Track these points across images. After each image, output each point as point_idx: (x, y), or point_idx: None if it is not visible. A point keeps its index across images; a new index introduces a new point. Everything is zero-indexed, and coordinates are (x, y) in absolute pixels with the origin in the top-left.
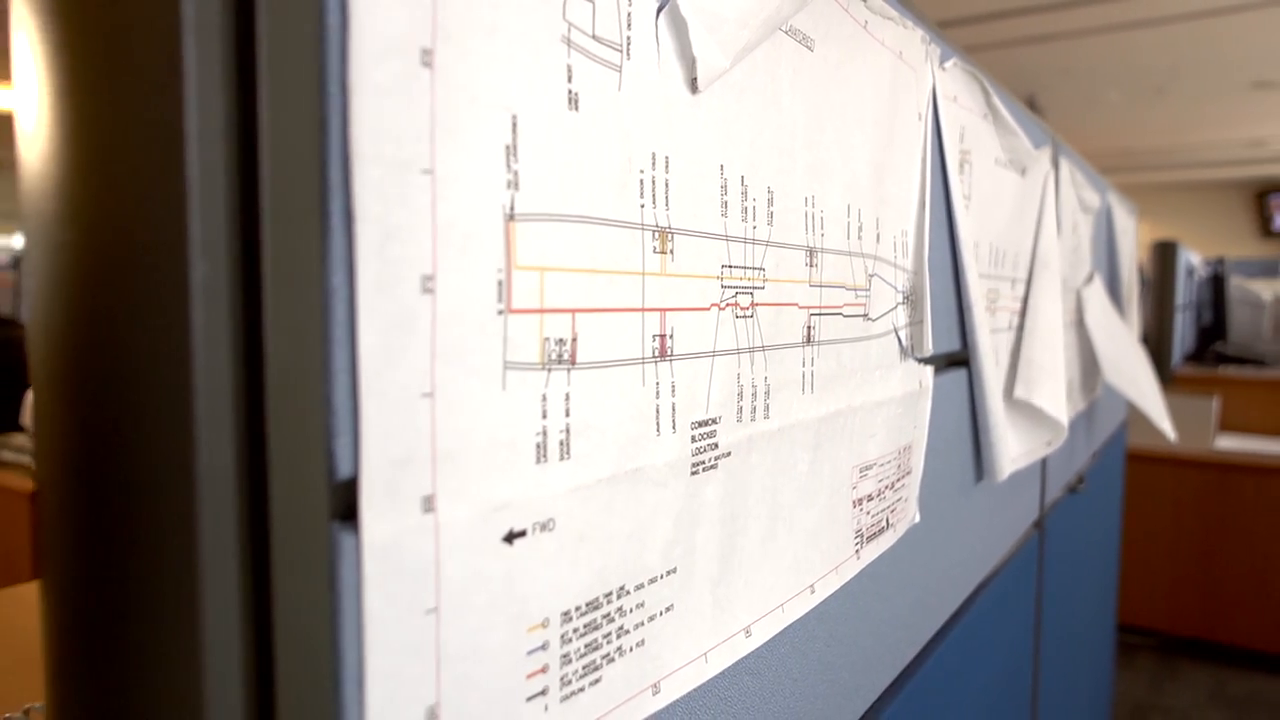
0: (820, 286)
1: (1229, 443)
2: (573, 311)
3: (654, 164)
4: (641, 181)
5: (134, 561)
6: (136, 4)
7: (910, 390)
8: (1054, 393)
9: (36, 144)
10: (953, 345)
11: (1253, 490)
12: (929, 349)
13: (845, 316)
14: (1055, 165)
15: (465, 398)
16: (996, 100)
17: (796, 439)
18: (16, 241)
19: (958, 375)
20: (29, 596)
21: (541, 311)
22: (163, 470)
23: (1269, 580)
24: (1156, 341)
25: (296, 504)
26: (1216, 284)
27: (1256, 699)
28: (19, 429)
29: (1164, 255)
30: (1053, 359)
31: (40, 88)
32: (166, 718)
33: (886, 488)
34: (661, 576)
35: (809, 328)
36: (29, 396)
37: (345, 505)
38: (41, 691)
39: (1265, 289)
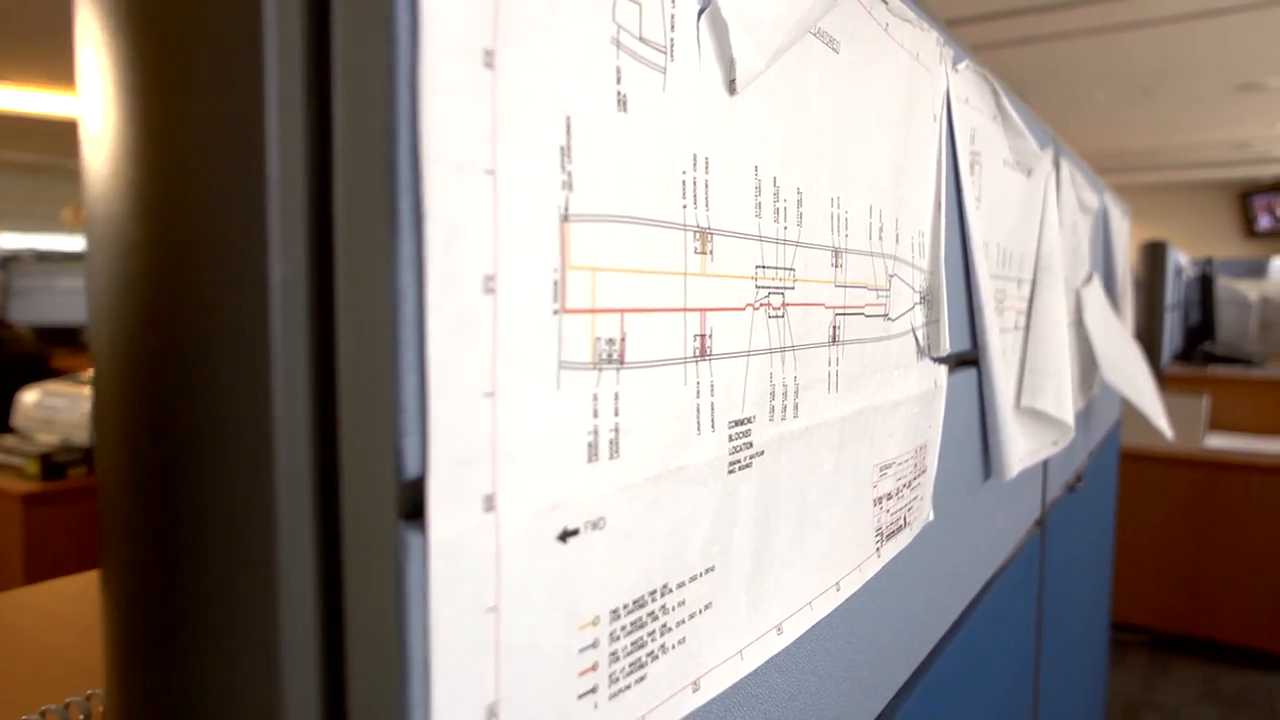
0: (845, 287)
1: (1218, 441)
2: (621, 311)
3: (695, 165)
4: (683, 182)
5: (210, 559)
6: (218, 6)
7: (926, 389)
8: (1059, 395)
9: (106, 146)
10: (963, 345)
11: (1242, 488)
12: (946, 348)
13: (867, 316)
14: (1056, 166)
15: (523, 397)
16: (1006, 102)
17: (823, 438)
18: (5, 241)
19: (967, 374)
20: (26, 600)
21: (593, 311)
22: (241, 469)
23: (1258, 577)
24: (1147, 341)
25: (367, 503)
26: (1204, 284)
27: (1247, 695)
28: (8, 430)
29: (1154, 255)
30: (1057, 361)
31: (113, 90)
32: (242, 714)
33: (904, 486)
34: (701, 574)
35: (834, 327)
36: (22, 397)
37: (411, 504)
38: (42, 697)
39: (1251, 289)
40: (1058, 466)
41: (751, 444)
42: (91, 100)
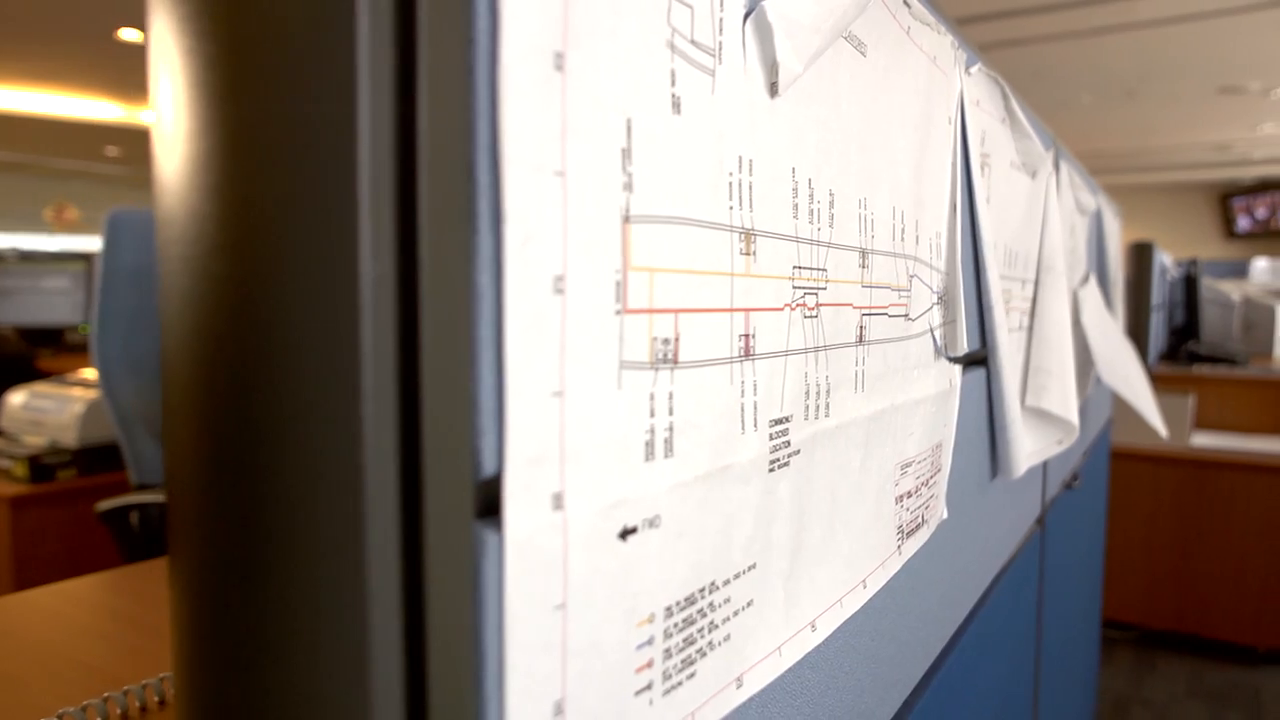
0: (870, 287)
1: (1204, 440)
2: (676, 311)
3: (740, 166)
4: (730, 184)
5: (298, 558)
6: (313, 11)
7: (942, 389)
8: (1064, 394)
9: (190, 149)
10: (972, 344)
11: (1228, 486)
12: (963, 348)
13: (890, 317)
14: (1056, 168)
15: (588, 397)
16: (1015, 104)
17: (851, 437)
18: None
19: (974, 374)
20: (32, 602)
21: (651, 312)
22: (331, 468)
23: (1244, 574)
24: (1134, 341)
25: (447, 501)
26: (1189, 284)
27: (1233, 690)
28: None
29: (1140, 256)
30: (1060, 361)
31: (197, 95)
32: (330, 712)
33: (923, 484)
34: (744, 572)
35: (861, 328)
36: (8, 399)
37: (485, 503)
38: (57, 700)
39: (1234, 290)
40: (1056, 465)
41: (789, 442)
42: (170, 103)
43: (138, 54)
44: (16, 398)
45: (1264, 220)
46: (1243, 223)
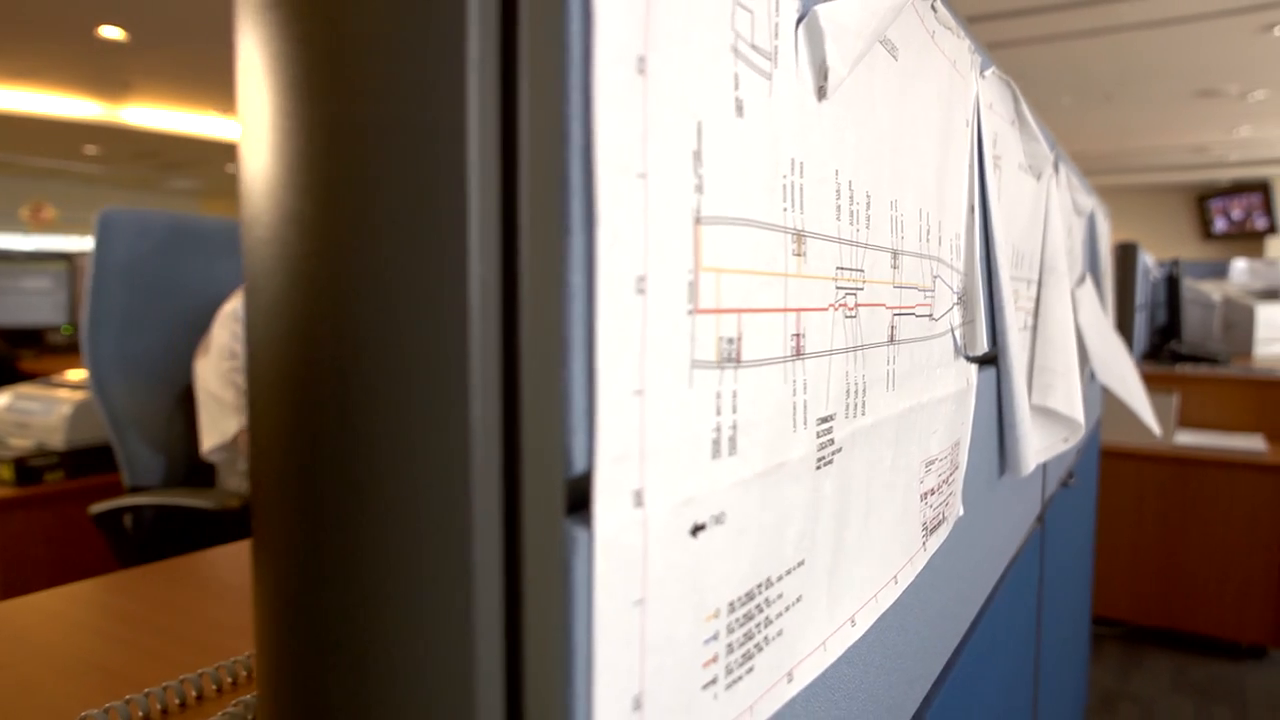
0: (900, 288)
1: (1188, 438)
2: (739, 311)
3: (792, 169)
4: (784, 185)
5: (405, 556)
6: (426, 19)
7: (960, 388)
8: (1069, 393)
9: (288, 154)
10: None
11: (1211, 484)
12: (983, 347)
13: (917, 317)
14: (1056, 169)
15: (664, 395)
16: (1024, 108)
17: (883, 434)
18: None
19: (985, 373)
20: (38, 606)
21: (718, 312)
22: (438, 466)
23: (1227, 571)
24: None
25: (541, 499)
26: (1171, 285)
27: (1218, 684)
28: None
29: (1125, 257)
30: (1065, 359)
31: (295, 101)
32: (433, 709)
33: (943, 482)
34: (794, 568)
35: (892, 327)
36: None
37: (573, 500)
38: (76, 704)
39: (1214, 290)
40: (1054, 464)
41: (833, 440)
42: (262, 109)
43: (117, 51)
44: (1, 400)
45: (1240, 221)
46: (1219, 224)
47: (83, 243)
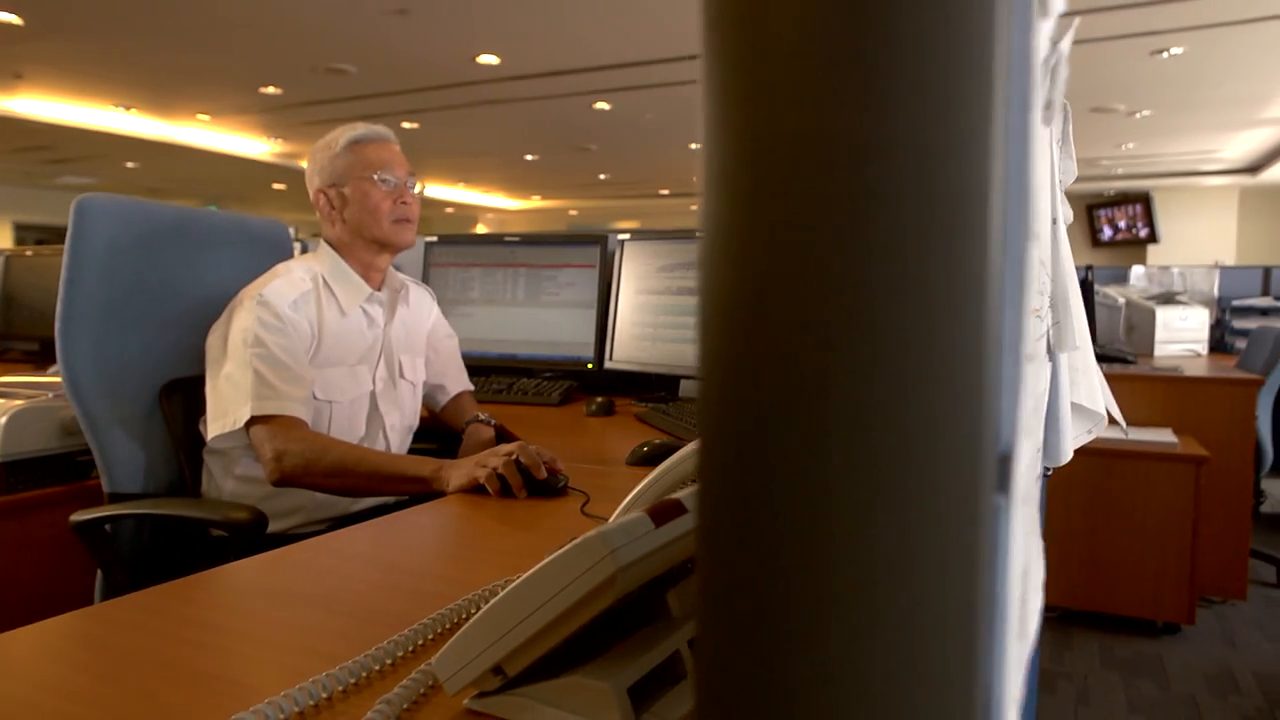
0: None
1: (1107, 432)
2: (1033, 313)
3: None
4: (1044, 208)
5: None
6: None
7: (1046, 384)
8: (1090, 388)
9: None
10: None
11: (1129, 475)
12: (1075, 344)
13: (1039, 318)
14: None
15: (1024, 380)
16: (1070, 128)
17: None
18: None
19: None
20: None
21: (1034, 312)
22: (956, 464)
23: (1144, 555)
24: None
25: (986, 482)
26: (1085, 289)
27: (1141, 660)
28: None
29: None
30: (1084, 357)
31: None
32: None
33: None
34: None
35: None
36: None
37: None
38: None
39: (1119, 294)
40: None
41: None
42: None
43: (9, 36)
44: None
45: (1125, 229)
46: (1106, 232)
47: None
